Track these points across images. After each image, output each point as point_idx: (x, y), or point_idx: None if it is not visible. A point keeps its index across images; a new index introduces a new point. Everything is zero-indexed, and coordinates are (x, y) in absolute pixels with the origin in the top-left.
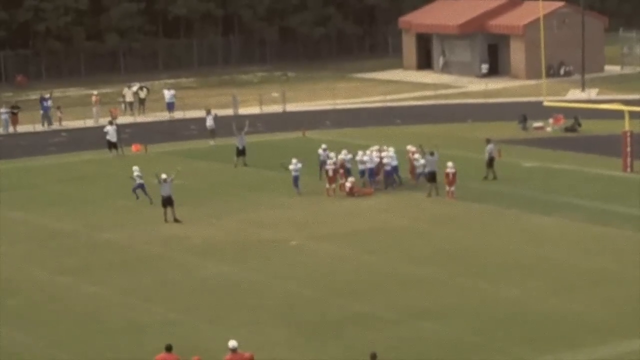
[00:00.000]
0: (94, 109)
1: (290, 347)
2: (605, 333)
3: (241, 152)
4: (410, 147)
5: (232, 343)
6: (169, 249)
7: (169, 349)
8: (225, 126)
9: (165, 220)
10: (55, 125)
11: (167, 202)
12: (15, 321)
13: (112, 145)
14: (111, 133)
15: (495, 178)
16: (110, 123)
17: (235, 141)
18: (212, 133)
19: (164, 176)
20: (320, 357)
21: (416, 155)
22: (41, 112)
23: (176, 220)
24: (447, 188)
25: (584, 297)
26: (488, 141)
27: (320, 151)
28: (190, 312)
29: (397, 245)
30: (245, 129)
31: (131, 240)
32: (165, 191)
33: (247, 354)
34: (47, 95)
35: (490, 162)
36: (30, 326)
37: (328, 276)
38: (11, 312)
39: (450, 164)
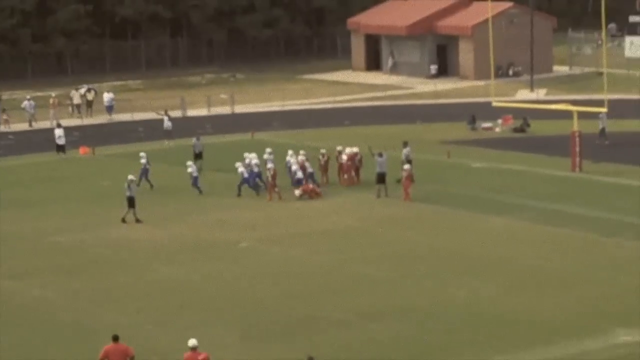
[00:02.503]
0: (51, 112)
1: (240, 349)
2: (557, 333)
3: (198, 156)
4: (338, 148)
5: (192, 342)
6: (118, 251)
7: (115, 339)
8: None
9: (137, 220)
10: (4, 128)
11: (132, 202)
12: None
13: (60, 148)
14: (59, 135)
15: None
16: (59, 126)
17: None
18: (169, 134)
19: (130, 177)
20: (270, 358)
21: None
22: None
23: (124, 221)
24: (407, 190)
25: (534, 297)
26: (405, 144)
27: (265, 156)
28: (140, 314)
29: (347, 246)
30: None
31: (80, 243)
32: (132, 192)
33: (203, 354)
34: None
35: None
36: None
37: (278, 278)
38: None
39: (407, 166)
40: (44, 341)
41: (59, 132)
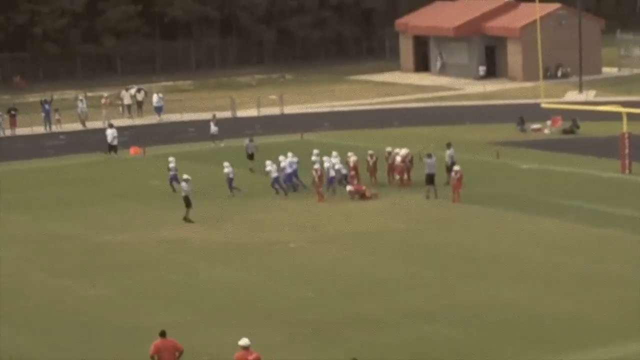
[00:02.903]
0: (103, 112)
1: (290, 349)
2: (605, 334)
3: (250, 157)
4: (388, 149)
5: (244, 341)
6: (169, 251)
7: (163, 334)
8: (223, 129)
9: (189, 220)
10: (55, 128)
11: (187, 202)
12: (16, 324)
13: (112, 148)
14: (111, 136)
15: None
16: (110, 126)
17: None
18: (215, 138)
19: (185, 176)
20: (320, 359)
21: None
22: (42, 115)
23: (185, 220)
24: (457, 191)
25: (582, 299)
26: (448, 146)
27: (313, 157)
28: (191, 314)
29: (396, 247)
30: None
31: (131, 243)
32: (187, 191)
33: (254, 354)
34: (49, 99)
35: (451, 167)
36: (31, 329)
37: (328, 278)
38: (12, 315)
39: (457, 167)
40: (96, 340)
41: (111, 132)
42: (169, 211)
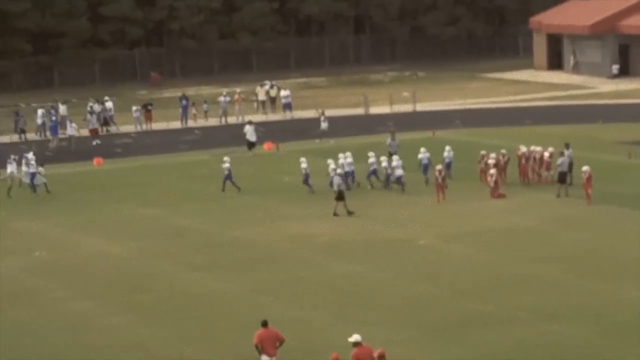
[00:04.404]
0: (237, 107)
1: (414, 347)
2: None
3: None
4: (522, 147)
5: (355, 337)
6: (296, 246)
7: (265, 324)
8: (349, 126)
9: (335, 214)
10: (192, 123)
11: (340, 196)
12: (146, 316)
13: (251, 145)
14: (250, 132)
15: (570, 184)
16: (250, 123)
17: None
18: (324, 134)
19: (339, 170)
20: (444, 357)
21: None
22: (180, 110)
23: (349, 213)
24: (588, 192)
25: None
26: (567, 146)
27: (445, 154)
28: (317, 309)
29: (524, 246)
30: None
31: (259, 238)
32: (340, 186)
33: (379, 350)
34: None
35: (570, 167)
36: (160, 321)
37: (454, 276)
38: (143, 307)
39: (586, 167)
40: (223, 333)
41: (250, 129)
42: (299, 207)
